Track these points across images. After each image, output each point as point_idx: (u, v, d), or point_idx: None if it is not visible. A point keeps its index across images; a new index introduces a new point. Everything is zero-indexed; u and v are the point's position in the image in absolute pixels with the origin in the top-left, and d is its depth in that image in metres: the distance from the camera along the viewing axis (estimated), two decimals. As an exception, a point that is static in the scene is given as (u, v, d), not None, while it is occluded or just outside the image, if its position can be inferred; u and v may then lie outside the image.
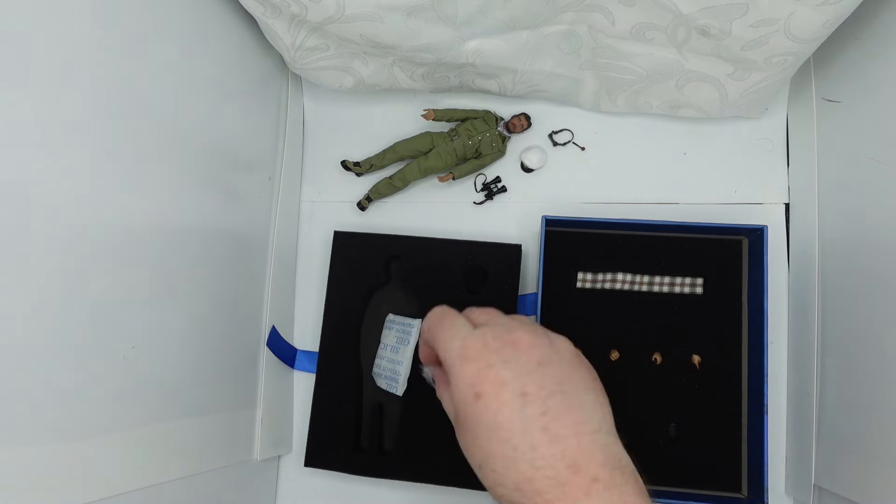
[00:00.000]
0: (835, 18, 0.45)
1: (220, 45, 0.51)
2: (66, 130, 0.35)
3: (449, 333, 0.36)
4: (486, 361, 0.34)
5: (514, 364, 0.34)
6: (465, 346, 0.35)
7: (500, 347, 0.35)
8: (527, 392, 0.33)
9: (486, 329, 0.36)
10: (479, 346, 0.35)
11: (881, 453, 0.45)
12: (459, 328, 0.36)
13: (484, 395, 0.33)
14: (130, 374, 0.40)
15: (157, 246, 0.43)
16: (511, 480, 0.32)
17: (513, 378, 0.33)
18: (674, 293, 0.58)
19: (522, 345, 0.35)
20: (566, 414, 0.33)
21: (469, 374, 0.34)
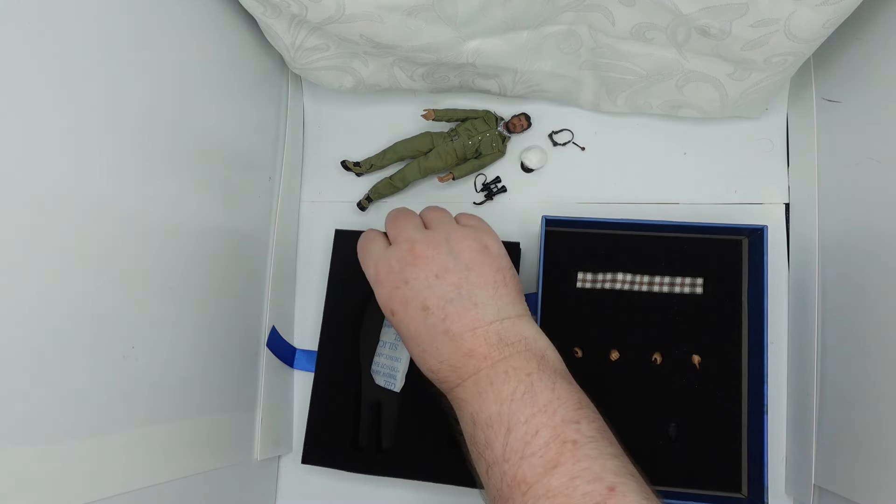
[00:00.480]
0: (835, 18, 0.45)
1: (220, 44, 0.51)
2: (65, 130, 0.35)
3: (366, 257, 0.45)
4: (392, 284, 0.42)
5: (414, 282, 0.42)
6: (377, 270, 0.44)
7: (402, 268, 0.42)
8: (427, 305, 0.41)
9: (393, 250, 0.44)
10: (386, 269, 0.43)
11: (881, 453, 0.44)
12: (373, 251, 0.45)
13: (396, 311, 0.42)
14: (130, 373, 0.40)
15: (156, 246, 0.43)
16: (427, 369, 0.42)
17: (413, 295, 0.41)
18: (674, 293, 0.58)
19: (421, 261, 0.42)
20: (463, 315, 0.40)
21: (382, 296, 0.43)
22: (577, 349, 0.58)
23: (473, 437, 0.39)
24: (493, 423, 0.37)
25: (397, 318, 0.42)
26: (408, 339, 0.43)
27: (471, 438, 0.39)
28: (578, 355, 0.58)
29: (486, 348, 0.40)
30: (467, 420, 0.40)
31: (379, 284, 0.44)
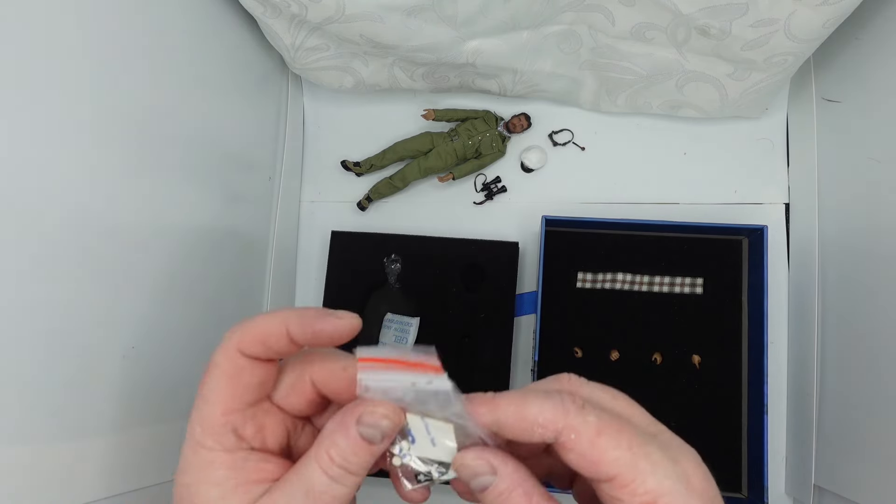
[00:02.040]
0: (835, 18, 0.45)
1: (220, 44, 0.51)
2: (65, 130, 0.35)
3: (659, 443, 0.26)
4: (716, 501, 0.26)
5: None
6: (693, 473, 0.25)
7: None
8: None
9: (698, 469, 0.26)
10: (705, 476, 0.26)
11: (881, 453, 0.44)
12: (667, 441, 0.27)
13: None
14: (130, 373, 0.40)
15: (156, 245, 0.43)
16: None
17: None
18: (674, 293, 0.58)
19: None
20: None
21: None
22: (577, 349, 0.58)
23: None
24: None
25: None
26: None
27: None
28: (578, 355, 0.58)
29: None
30: None
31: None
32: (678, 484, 0.24)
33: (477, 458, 0.25)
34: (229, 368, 0.26)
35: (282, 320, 0.26)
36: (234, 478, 0.26)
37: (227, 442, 0.26)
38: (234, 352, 0.26)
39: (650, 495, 0.23)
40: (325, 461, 0.25)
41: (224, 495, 0.25)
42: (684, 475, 0.24)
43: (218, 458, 0.26)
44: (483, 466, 0.25)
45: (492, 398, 0.25)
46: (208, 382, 0.27)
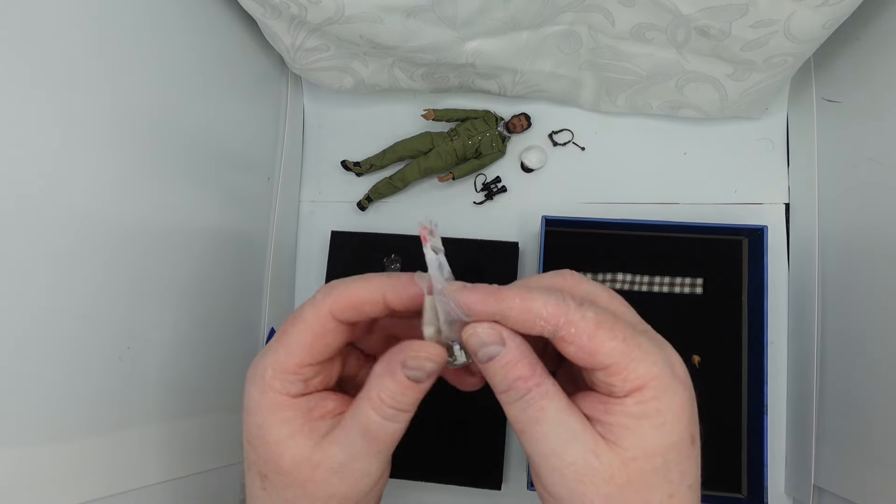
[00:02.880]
0: (835, 19, 0.45)
1: (220, 45, 0.51)
2: (64, 130, 0.35)
3: (647, 336, 0.27)
4: (692, 391, 0.28)
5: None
6: (676, 361, 0.27)
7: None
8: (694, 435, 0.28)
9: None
10: (683, 366, 0.28)
11: (881, 453, 0.45)
12: (653, 336, 0.28)
13: (696, 439, 0.28)
14: (127, 374, 0.40)
15: (154, 245, 0.43)
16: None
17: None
18: (674, 293, 0.58)
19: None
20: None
21: (689, 406, 0.27)
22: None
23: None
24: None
25: (696, 452, 0.29)
26: (687, 490, 0.28)
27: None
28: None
29: None
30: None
31: (684, 385, 0.27)
32: (665, 369, 0.26)
33: (489, 328, 0.27)
34: (317, 327, 0.28)
35: (377, 287, 0.28)
36: (301, 417, 0.28)
37: (295, 389, 0.28)
38: (326, 313, 0.28)
39: (641, 380, 0.26)
40: (376, 403, 0.27)
41: (292, 433, 0.28)
42: (669, 362, 0.27)
43: (285, 400, 0.28)
44: (493, 336, 0.27)
45: (497, 290, 0.27)
46: (292, 333, 0.28)
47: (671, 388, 0.26)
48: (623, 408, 0.26)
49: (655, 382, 0.26)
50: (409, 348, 0.27)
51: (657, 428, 0.26)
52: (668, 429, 0.26)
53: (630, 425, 0.26)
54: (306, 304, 0.28)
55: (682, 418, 0.26)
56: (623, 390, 0.26)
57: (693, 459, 0.28)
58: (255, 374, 0.28)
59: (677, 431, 0.26)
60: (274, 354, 0.28)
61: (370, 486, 0.29)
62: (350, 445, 0.27)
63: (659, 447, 0.26)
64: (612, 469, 0.25)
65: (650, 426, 0.26)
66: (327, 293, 0.28)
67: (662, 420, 0.26)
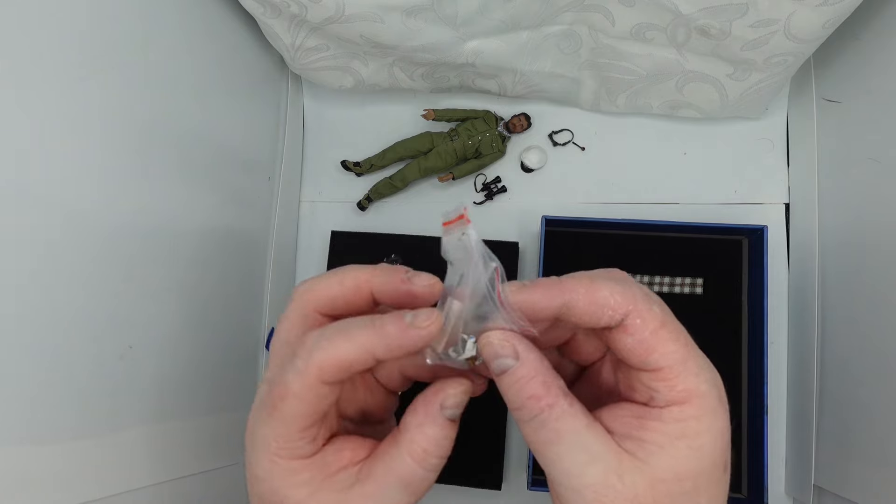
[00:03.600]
0: (835, 19, 0.45)
1: (220, 45, 0.51)
2: (64, 130, 0.35)
3: (694, 352, 0.25)
4: (729, 418, 0.26)
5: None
6: (721, 386, 0.26)
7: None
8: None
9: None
10: (725, 393, 0.26)
11: (881, 453, 0.44)
12: (703, 355, 0.26)
13: (728, 466, 0.26)
14: (128, 373, 0.40)
15: (155, 245, 0.43)
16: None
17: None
18: (674, 293, 0.58)
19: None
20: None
21: (726, 433, 0.25)
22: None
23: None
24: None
25: (726, 479, 0.27)
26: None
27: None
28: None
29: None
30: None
31: (725, 406, 0.26)
32: (713, 390, 0.25)
33: (503, 339, 0.25)
34: (310, 397, 0.25)
35: (364, 348, 0.25)
36: (319, 475, 0.26)
37: (306, 451, 0.26)
38: (315, 381, 0.25)
39: (687, 393, 0.24)
40: (420, 455, 0.25)
41: (313, 493, 0.26)
42: (717, 384, 0.25)
43: (299, 465, 0.26)
44: (507, 349, 0.25)
45: (558, 281, 0.25)
46: (284, 409, 0.25)
47: (714, 411, 0.24)
48: (661, 424, 0.24)
49: (700, 401, 0.24)
50: (444, 389, 0.26)
51: (694, 450, 0.24)
52: (704, 452, 0.24)
53: (665, 444, 0.24)
54: (289, 373, 0.25)
55: (719, 444, 0.25)
56: (666, 399, 0.24)
57: (723, 487, 0.26)
58: (257, 444, 0.26)
59: (713, 457, 0.24)
60: (272, 427, 0.26)
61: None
62: (386, 499, 0.25)
63: (692, 471, 0.24)
64: (637, 490, 0.24)
65: (687, 447, 0.24)
66: (309, 356, 0.25)
67: (700, 443, 0.24)
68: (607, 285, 0.25)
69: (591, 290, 0.25)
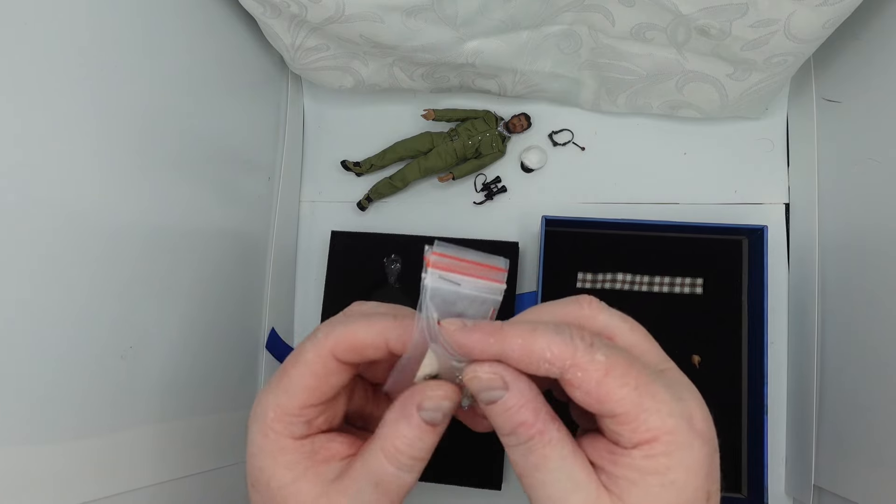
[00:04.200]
0: (835, 19, 0.45)
1: (220, 45, 0.51)
2: (64, 130, 0.35)
3: (665, 381, 0.25)
4: (714, 444, 0.26)
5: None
6: (695, 411, 0.25)
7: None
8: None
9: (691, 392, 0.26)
10: (706, 418, 0.26)
11: (881, 453, 0.44)
12: (674, 379, 0.26)
13: (714, 494, 0.25)
14: (129, 373, 0.40)
15: (155, 246, 0.43)
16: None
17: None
18: (674, 293, 0.58)
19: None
20: None
21: (706, 462, 0.25)
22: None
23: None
24: None
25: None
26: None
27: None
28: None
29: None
30: None
31: (703, 441, 0.25)
32: (681, 422, 0.24)
33: (490, 371, 0.25)
34: (319, 369, 0.26)
35: (380, 332, 0.26)
36: (305, 461, 0.26)
37: (298, 431, 0.27)
38: (328, 354, 0.26)
39: (651, 433, 0.23)
40: (391, 452, 0.25)
41: (296, 479, 0.26)
42: (688, 414, 0.24)
43: (288, 443, 0.27)
44: (496, 381, 0.25)
45: (499, 328, 0.25)
46: (293, 374, 0.27)
47: (685, 444, 0.24)
48: (630, 460, 0.24)
49: (667, 437, 0.24)
50: (424, 389, 0.26)
51: (665, 486, 0.24)
52: (677, 487, 0.24)
53: (636, 480, 0.24)
54: (307, 343, 0.27)
55: (696, 475, 0.24)
56: (631, 441, 0.24)
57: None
58: (257, 414, 0.27)
59: (689, 490, 0.24)
60: (275, 395, 0.27)
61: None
62: (359, 497, 0.26)
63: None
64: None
65: (658, 483, 0.24)
66: (329, 332, 0.27)
67: (672, 478, 0.24)
68: (545, 336, 0.24)
69: (528, 342, 0.24)
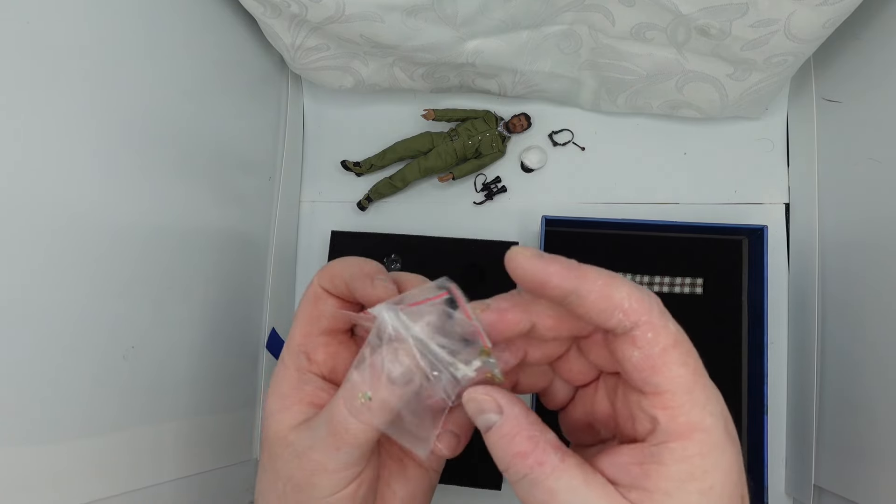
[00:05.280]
0: (835, 18, 0.45)
1: (220, 45, 0.51)
2: (63, 130, 0.35)
3: (703, 381, 0.24)
4: (738, 446, 0.25)
5: None
6: (729, 417, 0.24)
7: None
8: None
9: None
10: (733, 424, 0.25)
11: (881, 454, 0.44)
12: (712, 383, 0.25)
13: (746, 498, 0.25)
14: (130, 373, 0.40)
15: (156, 246, 0.43)
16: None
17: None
18: (674, 293, 0.58)
19: None
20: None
21: (737, 465, 0.24)
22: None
23: None
24: None
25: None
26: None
27: None
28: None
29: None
30: None
31: (734, 442, 0.25)
32: (719, 423, 0.23)
33: (485, 393, 0.24)
34: (311, 296, 0.30)
35: (345, 273, 0.29)
36: (294, 395, 0.28)
37: (299, 362, 0.29)
38: (316, 284, 0.30)
39: (689, 426, 0.22)
40: (347, 395, 0.26)
41: (282, 409, 0.28)
42: (724, 416, 0.23)
43: (289, 375, 0.29)
44: (489, 403, 0.24)
45: (578, 266, 0.23)
46: (297, 310, 0.30)
47: (720, 446, 0.23)
48: (664, 468, 0.22)
49: (704, 435, 0.22)
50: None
51: (704, 493, 0.22)
52: (715, 493, 0.22)
53: (672, 491, 0.22)
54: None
55: (730, 479, 0.23)
56: (666, 432, 0.22)
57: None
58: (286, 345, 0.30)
59: (726, 495, 0.23)
60: (288, 335, 0.30)
61: (327, 485, 0.26)
62: (315, 433, 0.26)
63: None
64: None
65: (697, 491, 0.22)
66: (320, 269, 0.30)
67: (710, 483, 0.22)
68: (626, 287, 0.23)
69: (609, 285, 0.23)
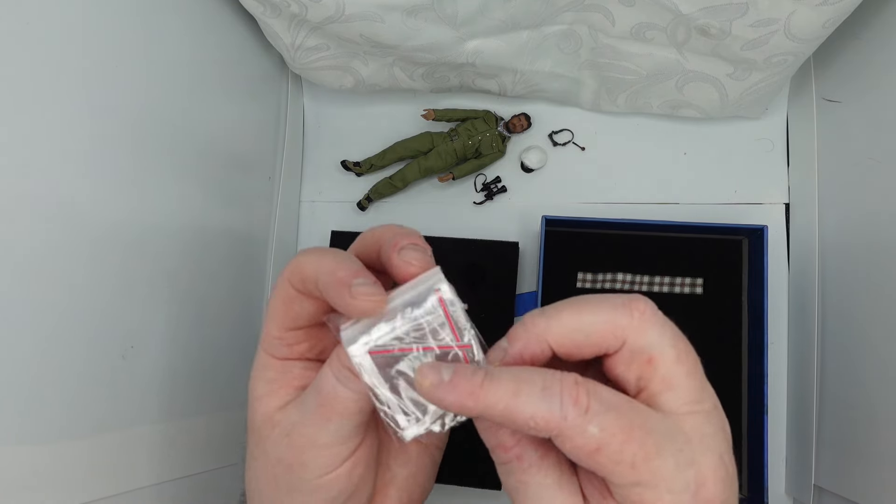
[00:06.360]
0: (835, 18, 0.45)
1: (220, 44, 0.51)
2: (62, 130, 0.35)
3: (677, 445, 0.23)
4: (733, 500, 0.25)
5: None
6: (709, 477, 0.23)
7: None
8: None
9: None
10: (723, 478, 0.24)
11: (881, 454, 0.44)
12: (698, 430, 0.24)
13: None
14: (130, 373, 0.40)
15: (156, 245, 0.43)
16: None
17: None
18: (674, 293, 0.58)
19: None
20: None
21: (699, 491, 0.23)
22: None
23: None
24: None
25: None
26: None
27: None
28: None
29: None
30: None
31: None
32: (682, 497, 0.22)
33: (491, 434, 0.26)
34: (283, 295, 0.29)
35: (318, 280, 0.26)
36: (280, 379, 0.29)
37: (279, 352, 0.29)
38: (286, 282, 0.28)
39: (649, 477, 0.22)
40: (334, 363, 0.26)
41: (269, 392, 0.29)
42: (695, 484, 0.23)
43: (271, 362, 0.29)
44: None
45: (479, 386, 0.23)
46: (270, 302, 0.29)
47: (682, 488, 0.22)
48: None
49: (665, 483, 0.22)
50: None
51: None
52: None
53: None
54: (280, 272, 0.29)
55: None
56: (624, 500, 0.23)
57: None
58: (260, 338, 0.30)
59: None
60: (266, 321, 0.30)
61: (319, 463, 0.27)
62: (304, 408, 0.27)
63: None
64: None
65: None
66: (288, 263, 0.29)
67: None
68: (529, 405, 0.22)
69: (511, 406, 0.22)
